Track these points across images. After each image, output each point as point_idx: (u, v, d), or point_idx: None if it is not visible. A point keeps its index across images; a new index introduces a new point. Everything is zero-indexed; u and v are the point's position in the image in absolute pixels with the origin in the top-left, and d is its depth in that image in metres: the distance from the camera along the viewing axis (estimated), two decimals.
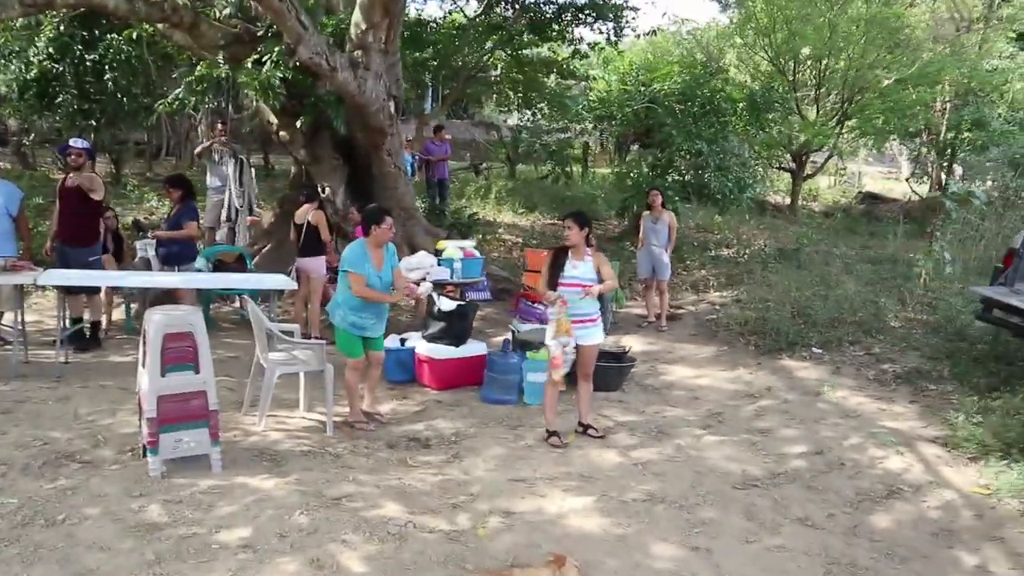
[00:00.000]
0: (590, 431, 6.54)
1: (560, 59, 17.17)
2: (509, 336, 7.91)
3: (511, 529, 4.82)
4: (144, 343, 5.24)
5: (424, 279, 8.65)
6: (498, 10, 16.45)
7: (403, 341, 7.81)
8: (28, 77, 14.43)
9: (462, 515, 5.00)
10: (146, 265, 9.36)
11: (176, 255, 8.66)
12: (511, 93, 17.94)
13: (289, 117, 10.19)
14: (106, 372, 7.43)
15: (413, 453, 6.02)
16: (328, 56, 8.39)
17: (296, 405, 6.74)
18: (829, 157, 19.69)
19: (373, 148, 10.23)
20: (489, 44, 16.35)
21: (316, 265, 8.92)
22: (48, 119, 15.35)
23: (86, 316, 8.37)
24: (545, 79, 17.51)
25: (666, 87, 12.82)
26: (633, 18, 17.16)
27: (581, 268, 6.24)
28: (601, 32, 16.06)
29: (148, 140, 19.07)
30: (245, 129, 18.16)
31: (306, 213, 8.85)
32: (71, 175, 8.26)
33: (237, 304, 10.15)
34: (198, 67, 9.61)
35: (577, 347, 6.25)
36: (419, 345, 7.69)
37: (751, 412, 7.38)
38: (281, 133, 10.41)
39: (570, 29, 15.84)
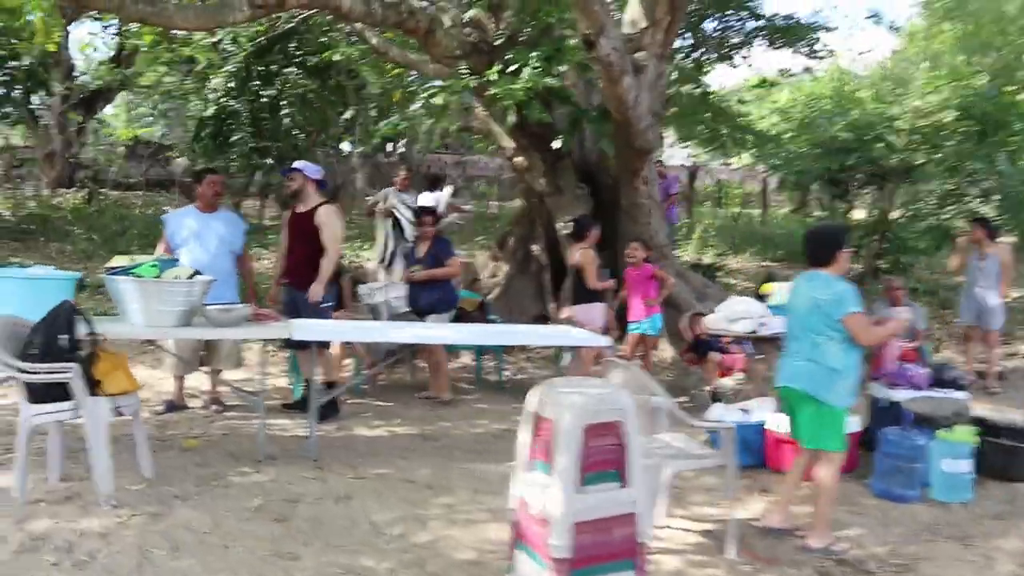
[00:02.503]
0: None
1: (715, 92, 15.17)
2: (906, 408, 5.67)
3: None
4: (537, 434, 3.23)
5: (755, 332, 6.59)
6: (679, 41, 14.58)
7: (744, 412, 5.68)
8: (206, 115, 13.07)
9: None
10: (375, 314, 7.51)
11: (440, 302, 6.81)
12: (694, 127, 15.95)
13: (528, 139, 8.30)
14: (367, 452, 5.52)
15: None
16: (623, 55, 6.44)
17: None
18: None
19: (629, 175, 8.25)
20: (673, 75, 14.45)
21: (590, 315, 6.91)
22: (221, 160, 13.91)
23: (317, 375, 6.51)
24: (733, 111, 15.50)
25: (933, 105, 10.50)
26: (850, 33, 14.93)
27: None
28: (805, 53, 14.03)
29: None
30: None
31: (576, 251, 6.90)
32: (298, 206, 6.53)
33: (468, 360, 8.27)
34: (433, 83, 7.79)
35: None
36: (771, 418, 5.54)
37: None
38: (516, 159, 8.50)
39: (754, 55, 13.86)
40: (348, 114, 15.33)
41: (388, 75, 10.45)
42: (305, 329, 5.32)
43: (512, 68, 7.29)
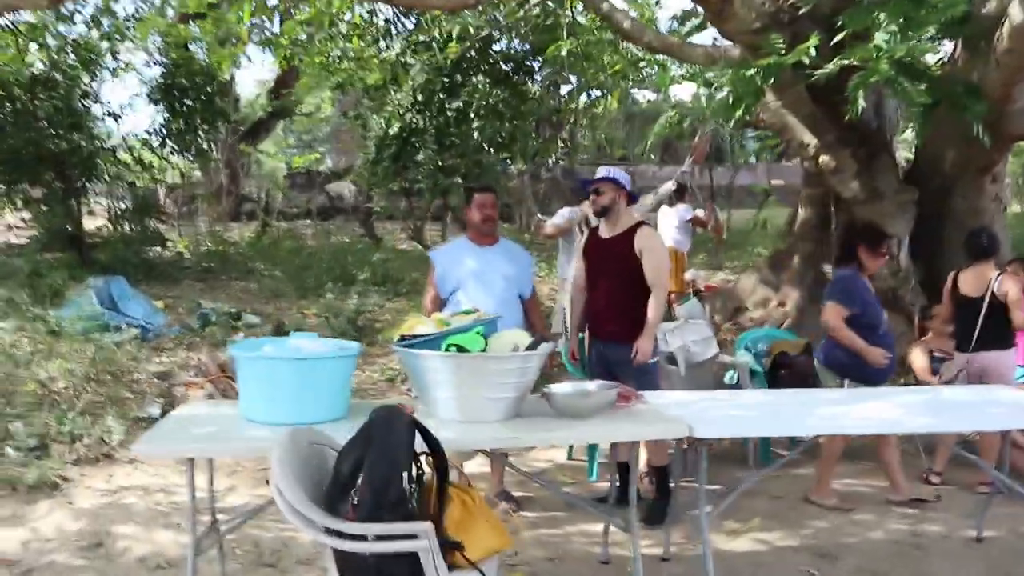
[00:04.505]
0: None
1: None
2: None
3: None
4: None
5: None
6: None
7: None
8: (390, 132, 11.56)
9: None
10: (671, 363, 5.58)
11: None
12: None
13: (839, 132, 6.25)
14: None
15: None
16: None
17: None
18: None
19: (976, 171, 6.12)
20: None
21: (1003, 363, 4.77)
22: (400, 183, 12.34)
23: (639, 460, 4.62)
24: None
25: None
26: None
27: None
28: None
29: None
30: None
31: (991, 277, 4.76)
32: (600, 227, 4.66)
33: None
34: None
35: None
36: None
37: None
38: (822, 158, 6.45)
39: None
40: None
41: (615, 67, 8.65)
42: (710, 425, 3.35)
43: (838, 39, 5.31)
